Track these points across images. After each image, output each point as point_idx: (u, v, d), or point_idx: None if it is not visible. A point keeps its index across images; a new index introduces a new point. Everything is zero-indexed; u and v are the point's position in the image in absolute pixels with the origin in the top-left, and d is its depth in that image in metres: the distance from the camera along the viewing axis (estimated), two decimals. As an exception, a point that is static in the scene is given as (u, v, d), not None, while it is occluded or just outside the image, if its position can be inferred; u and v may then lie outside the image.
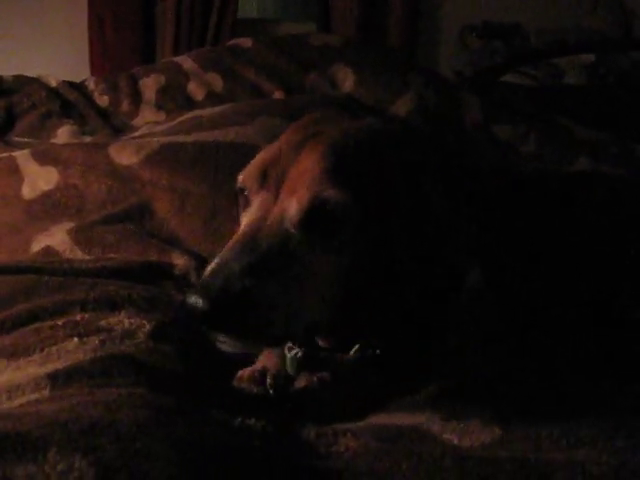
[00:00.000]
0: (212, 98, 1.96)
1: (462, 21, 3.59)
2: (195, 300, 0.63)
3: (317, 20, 3.43)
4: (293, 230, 0.70)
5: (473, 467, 0.63)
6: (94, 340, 0.74)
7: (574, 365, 0.87)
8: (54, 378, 0.63)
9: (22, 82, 2.08)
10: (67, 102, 2.01)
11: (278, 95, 1.94)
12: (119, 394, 0.63)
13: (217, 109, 1.58)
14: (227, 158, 1.26)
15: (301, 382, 0.79)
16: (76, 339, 0.74)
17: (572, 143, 1.95)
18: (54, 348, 0.72)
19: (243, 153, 1.28)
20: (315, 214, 0.70)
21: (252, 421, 0.68)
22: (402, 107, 1.84)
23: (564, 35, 3.65)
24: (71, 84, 2.12)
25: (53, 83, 2.09)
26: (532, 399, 0.77)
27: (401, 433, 0.71)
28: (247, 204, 0.76)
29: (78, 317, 0.81)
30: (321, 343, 0.82)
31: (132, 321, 0.81)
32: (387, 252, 0.75)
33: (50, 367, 0.65)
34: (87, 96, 2.07)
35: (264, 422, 0.69)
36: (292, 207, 0.71)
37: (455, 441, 0.69)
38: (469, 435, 0.70)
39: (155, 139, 1.34)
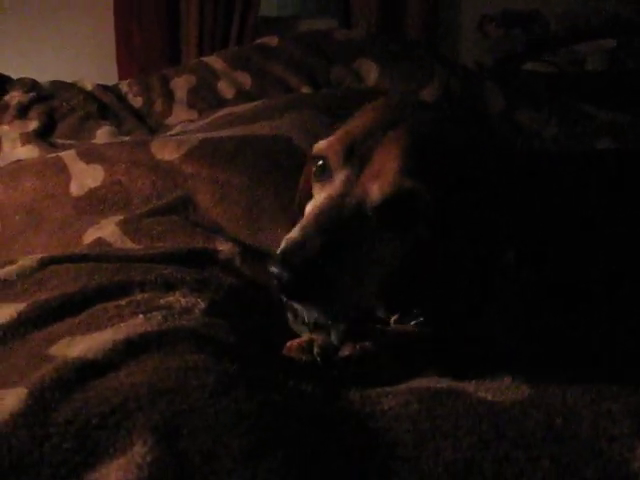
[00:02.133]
0: (242, 95, 2.04)
1: (481, 10, 3.62)
2: (280, 270, 0.67)
3: (337, 15, 3.49)
4: (371, 213, 0.75)
5: (507, 423, 0.69)
6: (157, 316, 0.81)
7: (600, 335, 0.93)
8: (129, 343, 0.71)
9: (59, 87, 2.18)
10: (103, 104, 2.10)
11: (305, 90, 2.01)
12: (186, 362, 0.70)
13: (248, 106, 1.65)
14: (264, 150, 1.33)
15: (345, 351, 0.85)
16: (141, 316, 0.81)
17: (593, 125, 1.99)
18: (122, 324, 0.79)
19: (279, 145, 1.35)
20: (394, 203, 0.75)
21: (303, 385, 0.75)
22: (427, 97, 1.90)
23: (584, 20, 3.66)
24: (106, 87, 2.21)
25: (89, 87, 2.18)
26: (559, 363, 0.83)
27: (439, 393, 0.77)
28: (328, 174, 0.80)
29: (139, 297, 0.88)
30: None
31: (187, 300, 0.89)
32: (445, 239, 0.80)
33: (124, 334, 0.73)
34: (121, 98, 2.16)
35: (314, 386, 0.76)
36: (374, 192, 0.75)
37: (489, 397, 0.75)
38: (502, 393, 0.76)
39: (194, 135, 1.42)
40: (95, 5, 2.96)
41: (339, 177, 0.78)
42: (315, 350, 0.85)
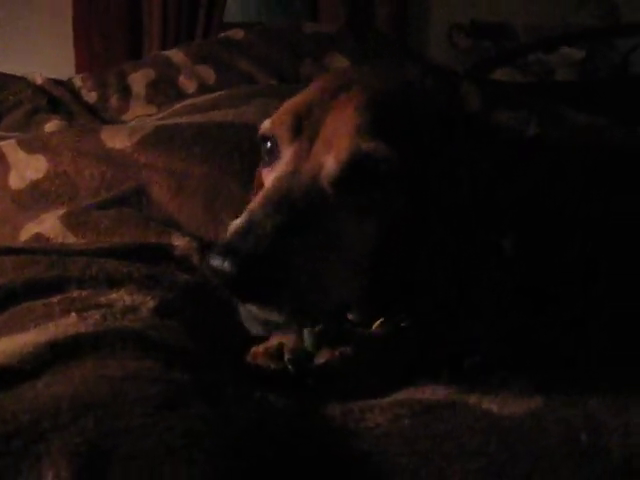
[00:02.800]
0: (204, 90, 1.90)
1: (450, 20, 3.57)
2: (220, 262, 0.55)
3: (304, 19, 3.40)
4: (329, 187, 0.64)
5: (521, 440, 0.57)
6: (94, 315, 0.67)
7: (610, 334, 0.81)
8: (55, 346, 0.56)
9: (6, 80, 2.02)
10: (54, 99, 1.95)
11: (273, 85, 1.89)
12: (126, 369, 0.56)
13: (211, 95, 1.52)
14: (227, 138, 1.20)
15: (322, 358, 0.72)
16: (74, 314, 0.67)
17: (575, 127, 1.90)
18: (51, 324, 0.64)
19: (243, 133, 1.22)
20: (354, 170, 0.63)
21: (272, 398, 0.62)
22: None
23: (552, 32, 3.63)
24: (57, 81, 2.06)
25: (39, 81, 2.02)
26: (571, 366, 0.71)
27: (435, 407, 0.64)
28: (276, 155, 0.69)
29: (75, 294, 0.74)
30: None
31: (134, 297, 0.75)
32: (420, 216, 0.68)
33: (49, 336, 0.58)
34: (74, 93, 2.01)
35: (285, 399, 0.62)
36: (329, 162, 0.64)
37: (495, 409, 0.63)
38: (510, 404, 0.64)
39: (149, 123, 1.28)
40: (54, 3, 2.81)
41: (287, 153, 0.67)
42: (286, 357, 0.72)
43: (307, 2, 3.34)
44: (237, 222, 0.59)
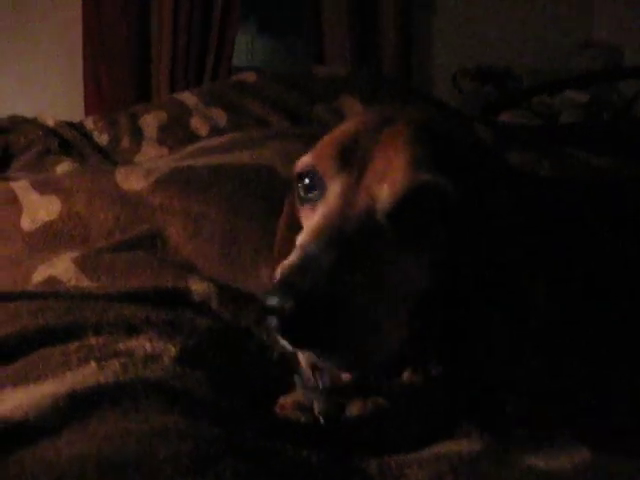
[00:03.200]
0: (216, 133, 1.89)
1: (454, 65, 3.60)
2: (279, 301, 0.51)
3: (312, 63, 3.42)
4: (384, 221, 0.60)
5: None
6: (114, 364, 0.63)
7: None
8: (75, 399, 0.52)
9: (18, 122, 2.01)
10: (65, 141, 1.94)
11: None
12: (152, 424, 0.52)
13: (226, 137, 1.51)
14: (244, 180, 1.17)
15: (353, 409, 0.68)
16: (93, 363, 0.63)
17: (587, 168, 1.88)
18: (69, 373, 0.61)
19: (261, 175, 1.20)
20: (410, 203, 0.60)
21: (305, 452, 0.58)
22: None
23: (555, 76, 3.66)
24: (69, 123, 2.05)
25: (50, 122, 2.02)
26: (618, 415, 0.67)
27: (476, 461, 0.60)
28: (320, 190, 0.66)
29: (92, 341, 0.70)
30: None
31: (155, 345, 0.71)
32: (466, 255, 0.65)
33: (67, 387, 0.54)
34: (86, 135, 2.00)
35: (319, 454, 0.58)
36: (383, 194, 0.61)
37: (541, 465, 0.59)
38: (555, 458, 0.60)
39: (164, 164, 1.26)
40: (63, 42, 2.83)
41: (335, 187, 0.63)
42: (316, 408, 0.67)
43: (313, 47, 3.37)
44: (290, 260, 0.55)
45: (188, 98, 2.01)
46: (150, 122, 1.99)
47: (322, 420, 0.66)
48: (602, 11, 3.79)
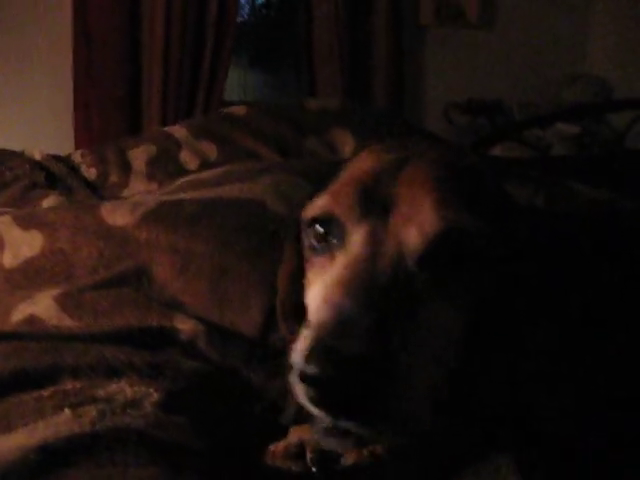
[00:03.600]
0: (206, 166, 1.86)
1: (446, 98, 3.61)
2: (320, 370, 0.46)
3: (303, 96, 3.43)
4: (415, 268, 0.55)
5: None
6: (91, 411, 0.59)
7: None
8: (46, 451, 0.48)
9: (4, 155, 1.98)
10: (52, 174, 1.90)
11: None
12: (138, 476, 0.48)
13: (215, 170, 1.47)
14: (234, 214, 1.14)
15: (349, 457, 0.64)
16: (67, 410, 0.59)
17: (584, 200, 1.86)
18: (41, 423, 0.56)
19: (251, 209, 1.16)
20: (442, 246, 0.56)
21: (297, 507, 0.53)
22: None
23: (546, 109, 3.68)
24: (56, 157, 2.02)
25: (37, 156, 1.98)
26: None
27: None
28: (336, 243, 0.60)
29: (69, 386, 0.66)
30: None
31: (136, 390, 0.67)
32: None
33: (39, 438, 0.50)
34: (74, 169, 1.97)
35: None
36: (412, 237, 0.56)
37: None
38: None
39: (151, 198, 1.23)
40: (53, 74, 2.82)
41: (359, 233, 0.57)
42: (308, 456, 0.63)
43: (305, 81, 3.38)
44: (323, 319, 0.49)
45: (177, 131, 1.99)
46: (139, 156, 1.96)
47: (315, 470, 0.61)
48: (593, 44, 3.83)
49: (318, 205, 0.62)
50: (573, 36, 3.87)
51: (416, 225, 0.56)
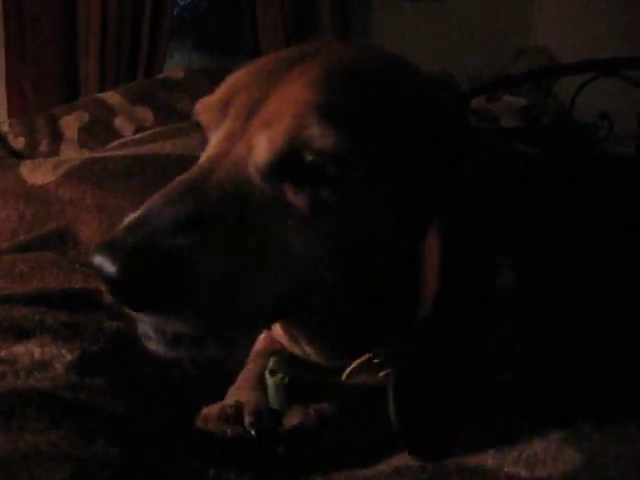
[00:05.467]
0: (142, 132, 1.75)
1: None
2: (100, 260, 0.43)
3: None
4: (258, 177, 0.49)
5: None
6: (-12, 373, 0.50)
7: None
8: None
9: None
10: (-24, 145, 1.76)
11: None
12: (20, 446, 0.39)
13: (149, 131, 1.38)
14: (167, 169, 1.05)
15: (292, 418, 0.56)
16: (-41, 373, 0.49)
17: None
18: None
19: (184, 163, 1.07)
20: (291, 160, 0.48)
21: (231, 474, 0.46)
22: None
23: (493, 80, 3.66)
24: (-19, 127, 1.88)
25: (-40, 126, 1.84)
26: (607, 412, 0.57)
27: (443, 474, 0.49)
28: (204, 144, 0.54)
29: (-34, 349, 0.56)
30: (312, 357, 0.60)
31: (45, 350, 0.58)
32: (399, 231, 0.54)
33: None
34: (1, 139, 1.84)
35: (248, 475, 0.46)
36: (261, 145, 0.49)
37: (524, 474, 0.48)
38: (540, 465, 0.50)
39: (76, 156, 1.12)
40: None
41: (214, 138, 0.52)
42: (247, 419, 0.55)
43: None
44: (130, 216, 0.46)
45: (111, 97, 1.87)
46: (71, 123, 1.84)
47: (253, 433, 0.53)
48: (539, 16, 3.83)
49: (194, 109, 0.56)
50: (519, 8, 3.85)
51: (267, 134, 0.49)
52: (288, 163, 0.48)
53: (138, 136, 1.36)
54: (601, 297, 0.73)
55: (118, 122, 1.81)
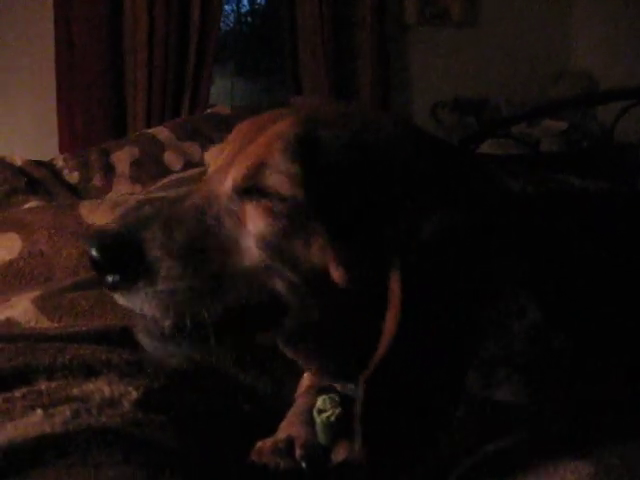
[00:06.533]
0: (190, 167, 1.83)
1: (433, 98, 3.59)
2: (88, 244, 0.55)
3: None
4: (225, 198, 0.59)
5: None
6: (64, 411, 0.55)
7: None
8: (13, 452, 0.44)
9: (-16, 163, 1.93)
10: (34, 180, 1.86)
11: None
12: (111, 476, 0.44)
13: (200, 168, 1.44)
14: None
15: (339, 453, 0.60)
16: (39, 410, 0.55)
17: (572, 189, 1.84)
18: (10, 424, 0.52)
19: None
20: (254, 183, 0.57)
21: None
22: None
23: (533, 105, 3.66)
24: (38, 162, 1.98)
25: (18, 162, 1.94)
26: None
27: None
28: None
29: (43, 386, 0.62)
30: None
31: (114, 388, 0.63)
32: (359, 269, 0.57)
33: (4, 439, 0.46)
34: (56, 174, 1.93)
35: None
36: (231, 175, 0.59)
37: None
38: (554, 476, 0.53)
39: (132, 197, 1.19)
40: (36, 81, 2.77)
41: (210, 170, 0.65)
42: (298, 452, 0.60)
43: (291, 87, 3.35)
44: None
45: (161, 132, 1.96)
46: (122, 158, 1.93)
47: (304, 466, 0.58)
48: (578, 40, 3.82)
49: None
50: (558, 32, 3.85)
51: (238, 166, 0.59)
52: (250, 186, 0.57)
53: (189, 172, 1.43)
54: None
55: (167, 157, 1.89)
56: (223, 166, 0.60)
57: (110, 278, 0.55)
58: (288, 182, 0.55)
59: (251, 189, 0.57)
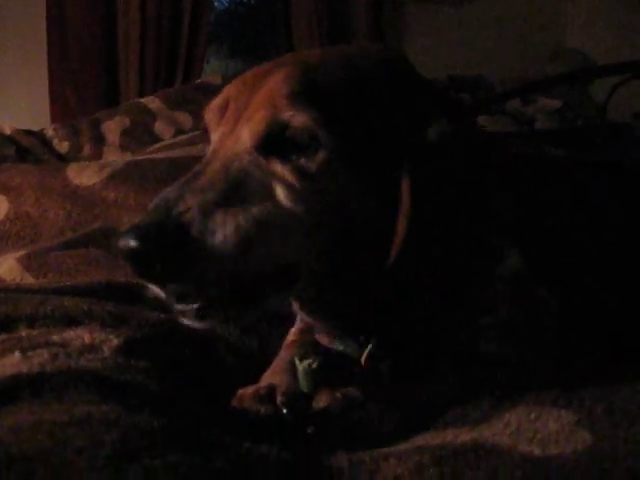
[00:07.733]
0: (181, 136, 1.82)
1: (427, 75, 3.56)
2: (126, 241, 0.51)
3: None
4: (247, 158, 0.58)
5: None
6: (42, 354, 0.55)
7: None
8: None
9: (-27, 131, 1.92)
10: (24, 148, 1.85)
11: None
12: (74, 414, 0.44)
13: (189, 134, 1.44)
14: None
15: (321, 400, 0.60)
16: (17, 353, 0.54)
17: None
18: (-13, 366, 0.52)
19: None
20: (272, 141, 0.58)
21: (264, 447, 0.50)
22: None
23: (527, 82, 3.63)
24: (27, 131, 1.97)
25: (7, 131, 1.93)
26: (620, 395, 0.59)
27: (463, 451, 0.53)
28: (208, 143, 0.64)
29: (23, 333, 0.62)
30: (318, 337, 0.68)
31: (95, 336, 0.63)
32: (377, 183, 0.60)
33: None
34: (46, 143, 1.92)
35: (279, 448, 0.50)
36: (245, 134, 0.58)
37: (537, 452, 0.51)
38: (553, 444, 0.52)
39: (119, 159, 1.18)
40: (27, 52, 2.74)
41: (213, 139, 0.62)
42: (279, 399, 0.59)
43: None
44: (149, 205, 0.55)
45: (151, 102, 1.95)
46: (113, 128, 1.92)
47: (285, 412, 0.58)
48: (573, 18, 3.80)
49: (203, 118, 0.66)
50: (554, 10, 3.82)
51: (249, 125, 0.59)
52: (270, 143, 0.58)
53: (179, 138, 1.42)
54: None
55: (158, 126, 1.88)
56: (227, 133, 0.60)
57: (157, 268, 0.51)
58: (308, 132, 0.57)
59: (272, 146, 0.58)
